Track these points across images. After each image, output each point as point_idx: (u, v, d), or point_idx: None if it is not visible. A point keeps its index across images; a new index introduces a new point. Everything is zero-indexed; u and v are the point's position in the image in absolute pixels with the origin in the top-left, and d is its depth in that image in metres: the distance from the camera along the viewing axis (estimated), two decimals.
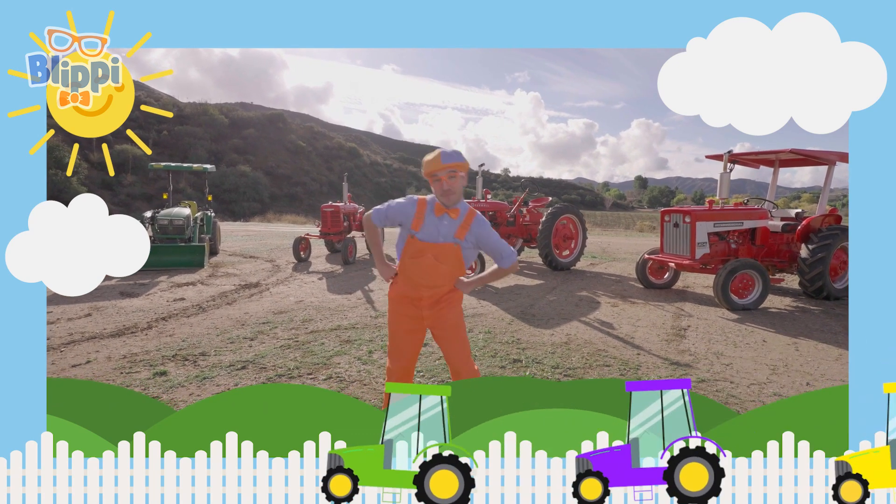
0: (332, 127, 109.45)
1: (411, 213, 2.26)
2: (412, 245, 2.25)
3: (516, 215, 9.08)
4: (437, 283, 2.28)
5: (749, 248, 6.50)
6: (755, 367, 3.88)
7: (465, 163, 2.21)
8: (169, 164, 10.57)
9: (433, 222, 2.25)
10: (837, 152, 6.36)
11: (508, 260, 2.36)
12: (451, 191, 2.20)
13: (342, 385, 3.40)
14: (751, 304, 5.75)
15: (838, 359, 4.13)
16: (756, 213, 6.47)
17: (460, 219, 2.27)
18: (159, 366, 3.73)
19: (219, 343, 4.33)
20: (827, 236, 6.09)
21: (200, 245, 8.89)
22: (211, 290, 6.64)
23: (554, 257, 8.42)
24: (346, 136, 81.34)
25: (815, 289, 6.16)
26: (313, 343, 4.33)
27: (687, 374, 3.70)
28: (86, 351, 4.10)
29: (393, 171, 72.84)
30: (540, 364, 3.87)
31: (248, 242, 13.04)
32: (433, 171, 2.18)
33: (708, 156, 7.27)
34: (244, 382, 3.44)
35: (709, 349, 4.33)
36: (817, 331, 4.99)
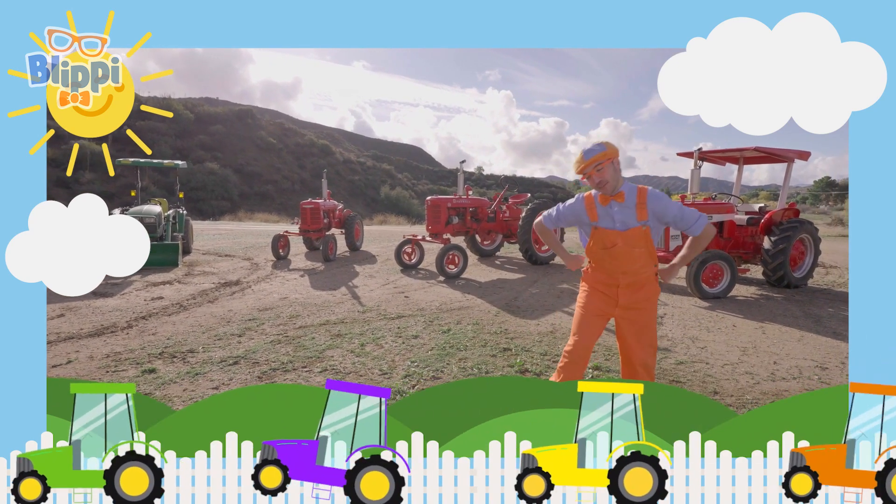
0: (302, 124, 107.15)
1: (582, 209, 2.34)
2: (600, 236, 2.29)
3: (496, 211, 9.24)
4: (632, 268, 2.29)
5: (718, 240, 6.87)
6: (727, 349, 4.15)
7: (608, 150, 2.23)
8: (138, 160, 10.16)
9: (605, 211, 2.29)
10: (796, 150, 6.81)
11: (699, 226, 2.27)
12: (602, 182, 2.25)
13: (338, 377, 3.43)
14: (720, 292, 6.10)
15: (800, 339, 4.47)
16: (724, 207, 6.84)
17: (631, 200, 2.26)
18: (147, 364, 3.65)
19: (206, 340, 4.26)
20: (787, 229, 6.52)
21: (174, 244, 8.61)
22: (190, 289, 6.47)
23: (534, 252, 8.62)
24: (317, 133, 79.84)
25: (777, 278, 6.59)
26: (304, 338, 4.33)
27: (666, 358, 3.92)
28: (64, 351, 3.95)
29: (367, 168, 71.99)
30: (529, 352, 4.01)
31: (220, 241, 12.68)
32: (581, 170, 2.26)
33: (679, 153, 7.62)
34: (238, 377, 3.41)
35: (684, 334, 4.59)
36: (780, 315, 5.36)
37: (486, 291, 6.50)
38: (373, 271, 8.08)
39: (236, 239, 13.32)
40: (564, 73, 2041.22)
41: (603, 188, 2.26)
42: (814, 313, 5.48)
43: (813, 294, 6.53)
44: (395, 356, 3.86)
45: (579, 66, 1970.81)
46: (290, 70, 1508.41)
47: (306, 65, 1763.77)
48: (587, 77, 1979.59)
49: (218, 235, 14.47)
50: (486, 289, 6.70)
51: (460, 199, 8.71)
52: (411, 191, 70.17)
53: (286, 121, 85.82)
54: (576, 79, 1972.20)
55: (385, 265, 8.66)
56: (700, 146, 6.85)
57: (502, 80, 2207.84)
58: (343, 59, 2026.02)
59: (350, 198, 51.49)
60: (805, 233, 6.67)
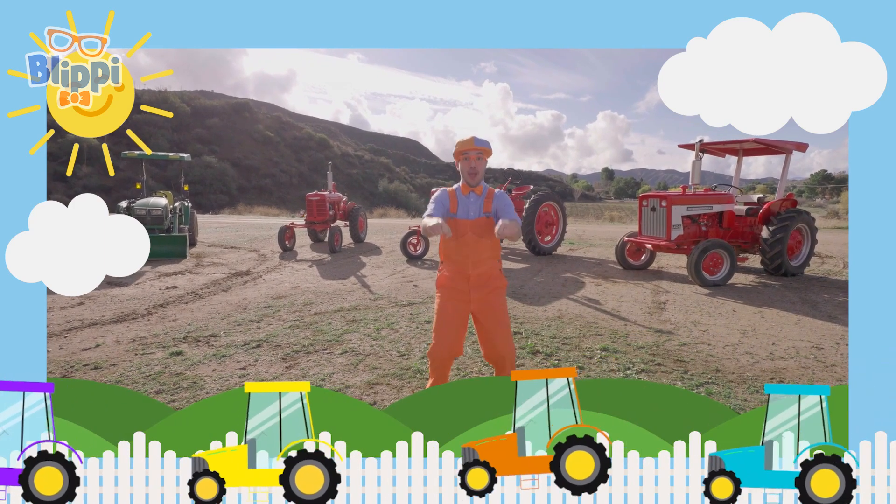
0: (298, 117, 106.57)
1: (446, 199, 2.50)
2: (454, 226, 2.43)
3: None
4: (479, 258, 2.46)
5: (717, 230, 7.05)
6: (728, 332, 4.33)
7: (491, 149, 2.49)
8: (143, 153, 10.22)
9: (464, 201, 2.49)
10: (795, 142, 6.97)
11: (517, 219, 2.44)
12: (476, 170, 2.46)
13: (359, 358, 3.59)
14: (720, 280, 6.29)
15: (797, 323, 4.66)
16: (723, 197, 7.01)
17: (483, 194, 2.50)
18: (172, 347, 3.79)
19: (226, 325, 4.41)
20: (785, 219, 6.69)
21: (182, 235, 8.73)
22: (202, 279, 6.60)
23: (537, 243, 8.78)
24: (314, 127, 79.46)
25: (775, 266, 6.78)
26: (321, 323, 4.48)
27: (669, 340, 4.10)
28: (91, 336, 4.09)
29: (365, 162, 71.85)
30: (539, 335, 4.17)
31: (223, 234, 12.78)
32: (467, 149, 2.43)
33: (680, 145, 7.78)
34: (263, 359, 3.57)
35: (686, 318, 4.78)
36: (778, 301, 5.55)
37: None
38: (379, 262, 8.22)
39: (238, 232, 13.41)
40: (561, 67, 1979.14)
41: (473, 177, 2.46)
42: (810, 299, 5.67)
43: (809, 282, 6.73)
44: (410, 339, 4.02)
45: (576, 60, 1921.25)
46: (284, 62, 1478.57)
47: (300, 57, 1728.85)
48: (584, 70, 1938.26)
49: (220, 228, 14.55)
50: None
51: None
52: (409, 184, 70.06)
53: (283, 114, 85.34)
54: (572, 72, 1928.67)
55: (390, 256, 8.80)
56: (701, 138, 7.00)
57: (498, 72, 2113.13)
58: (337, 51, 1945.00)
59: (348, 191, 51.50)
60: (802, 223, 6.85)
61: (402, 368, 3.38)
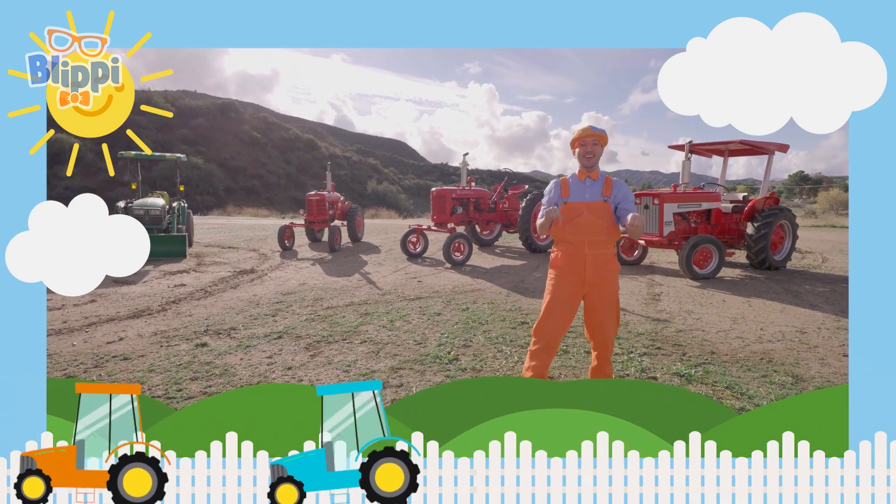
0: (283, 118, 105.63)
1: (557, 189, 2.59)
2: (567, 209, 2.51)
3: (497, 202, 9.63)
4: (596, 238, 2.49)
5: (706, 226, 7.41)
6: (719, 319, 4.64)
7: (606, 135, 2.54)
8: (140, 153, 10.21)
9: (578, 186, 2.56)
10: (777, 143, 7.38)
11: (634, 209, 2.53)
12: (592, 155, 2.52)
13: (378, 346, 3.78)
14: (709, 273, 6.63)
15: (782, 311, 5.00)
16: (711, 196, 7.38)
17: (601, 180, 2.55)
18: (196, 339, 3.92)
19: (242, 320, 4.54)
20: (768, 215, 7.08)
21: (182, 235, 8.76)
22: (208, 277, 6.69)
23: (533, 241, 9.05)
24: (300, 128, 78.93)
25: (760, 260, 7.17)
26: (335, 316, 4.65)
27: (667, 327, 4.38)
28: (112, 330, 4.19)
29: (353, 163, 71.61)
30: None
31: (218, 235, 12.79)
32: (586, 136, 2.50)
33: (670, 146, 8.14)
34: (287, 348, 3.73)
35: (680, 308, 5.07)
36: (764, 292, 5.91)
37: (494, 276, 6.90)
38: (380, 260, 8.39)
39: (232, 232, 13.42)
40: (545, 68, 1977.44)
41: (590, 161, 2.53)
42: (793, 289, 6.05)
43: (791, 275, 7.13)
44: (424, 329, 4.22)
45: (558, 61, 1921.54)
46: (267, 62, 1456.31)
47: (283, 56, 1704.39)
48: (567, 72, 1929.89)
49: (212, 229, 14.52)
50: (493, 274, 7.09)
51: (464, 190, 9.08)
52: (398, 185, 70.07)
53: (269, 115, 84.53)
54: (556, 73, 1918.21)
55: (390, 254, 8.98)
56: (690, 140, 7.36)
57: (483, 73, 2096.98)
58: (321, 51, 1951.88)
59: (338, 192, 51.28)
60: (784, 219, 7.25)
61: (421, 355, 3.57)
